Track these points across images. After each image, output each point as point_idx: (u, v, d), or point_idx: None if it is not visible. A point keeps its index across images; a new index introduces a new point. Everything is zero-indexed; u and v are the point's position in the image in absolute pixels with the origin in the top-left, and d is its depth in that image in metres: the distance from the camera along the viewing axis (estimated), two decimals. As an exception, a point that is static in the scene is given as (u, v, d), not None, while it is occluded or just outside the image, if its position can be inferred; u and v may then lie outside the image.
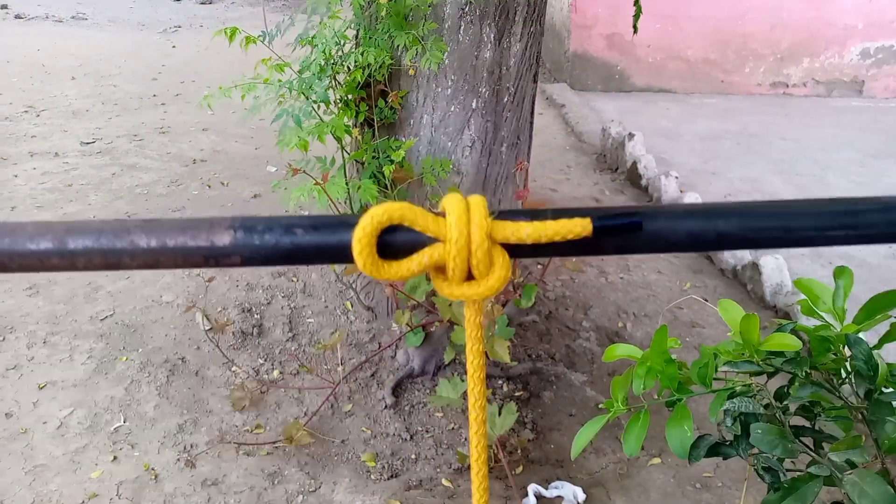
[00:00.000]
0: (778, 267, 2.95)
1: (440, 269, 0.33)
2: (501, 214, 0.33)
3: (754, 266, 3.00)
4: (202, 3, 10.64)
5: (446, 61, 2.15)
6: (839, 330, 0.83)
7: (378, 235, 0.33)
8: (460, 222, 0.31)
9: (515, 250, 0.32)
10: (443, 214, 0.33)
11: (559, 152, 4.83)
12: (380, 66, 2.05)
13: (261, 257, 0.35)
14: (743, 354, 0.84)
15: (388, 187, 2.16)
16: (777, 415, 0.81)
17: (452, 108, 2.22)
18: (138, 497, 1.91)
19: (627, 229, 0.31)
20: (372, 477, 2.04)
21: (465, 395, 2.20)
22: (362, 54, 2.00)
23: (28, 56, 6.84)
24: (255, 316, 2.64)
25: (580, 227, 0.31)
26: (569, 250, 0.32)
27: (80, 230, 0.32)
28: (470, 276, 0.34)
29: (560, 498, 1.95)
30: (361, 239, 0.32)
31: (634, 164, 4.19)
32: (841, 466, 0.74)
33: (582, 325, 2.73)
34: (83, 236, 0.32)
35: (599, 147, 4.83)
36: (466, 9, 2.11)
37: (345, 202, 2.10)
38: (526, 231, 0.32)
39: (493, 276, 0.33)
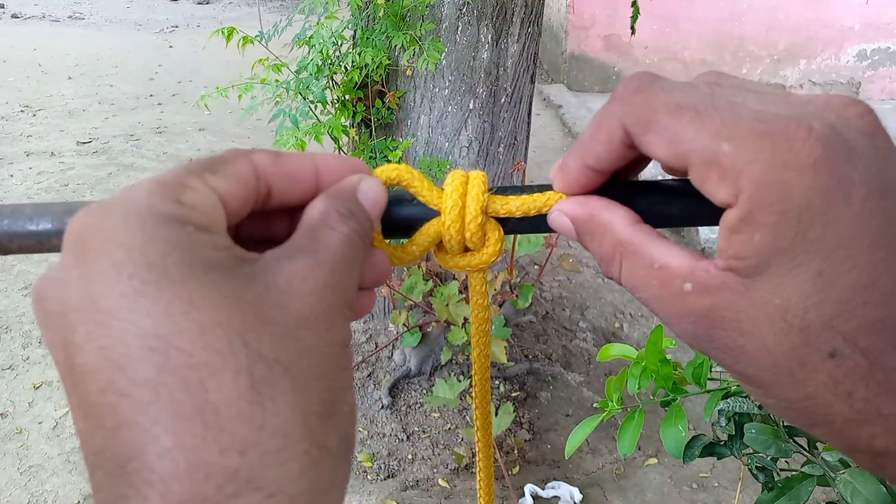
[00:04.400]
0: (774, 268, 2.95)
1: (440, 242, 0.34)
2: (494, 190, 0.34)
3: (750, 267, 3.01)
4: (199, 3, 10.63)
5: (444, 62, 2.15)
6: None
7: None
8: (455, 194, 0.32)
9: (511, 225, 0.33)
10: None
11: (556, 153, 4.83)
12: (377, 67, 2.05)
13: None
14: (737, 354, 0.84)
15: (385, 188, 2.15)
16: (771, 415, 0.81)
17: (450, 109, 2.23)
18: (134, 497, 1.91)
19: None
20: (369, 477, 2.04)
21: (461, 396, 2.20)
22: (360, 54, 2.00)
23: (24, 55, 6.83)
24: (252, 316, 2.63)
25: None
26: None
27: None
28: (467, 248, 0.34)
29: (556, 498, 1.95)
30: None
31: (631, 164, 4.20)
32: (834, 466, 0.74)
33: (578, 326, 2.73)
34: None
35: (596, 148, 4.83)
36: (464, 9, 2.11)
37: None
38: (515, 204, 0.32)
39: (487, 250, 0.34)
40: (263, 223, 0.30)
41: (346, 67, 2.08)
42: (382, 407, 2.27)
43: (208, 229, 0.23)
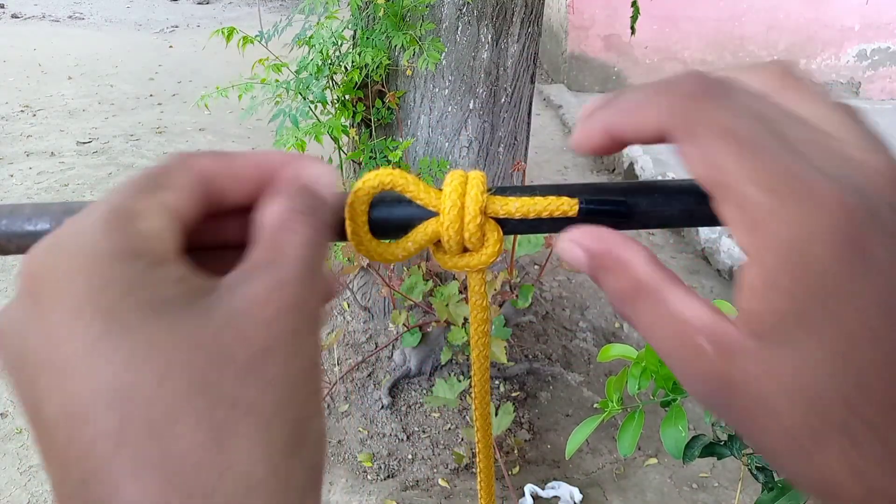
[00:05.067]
0: (774, 268, 2.95)
1: (438, 242, 0.33)
2: (493, 190, 0.33)
3: (750, 267, 3.00)
4: (199, 3, 10.63)
5: (444, 62, 2.15)
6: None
7: (370, 209, 0.32)
8: (454, 194, 0.31)
9: (511, 226, 0.33)
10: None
11: (556, 153, 4.83)
12: (377, 67, 2.05)
13: None
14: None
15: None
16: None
17: (450, 109, 2.23)
18: (134, 497, 1.91)
19: (614, 214, 0.31)
20: (368, 477, 2.04)
21: (461, 396, 2.20)
22: (360, 54, 2.00)
23: (24, 55, 6.83)
24: (252, 316, 2.63)
25: (567, 205, 0.31)
26: (561, 227, 0.33)
27: (77, 211, 0.32)
28: (466, 248, 0.34)
29: (556, 498, 1.95)
30: (353, 204, 0.31)
31: (631, 164, 4.20)
32: (835, 466, 0.74)
33: (578, 326, 2.73)
34: None
35: (596, 148, 4.83)
36: (464, 9, 2.11)
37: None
38: (514, 205, 0.32)
39: (486, 251, 0.33)
40: (214, 227, 0.28)
41: (346, 67, 2.08)
42: (382, 407, 2.27)
43: (163, 260, 0.22)
